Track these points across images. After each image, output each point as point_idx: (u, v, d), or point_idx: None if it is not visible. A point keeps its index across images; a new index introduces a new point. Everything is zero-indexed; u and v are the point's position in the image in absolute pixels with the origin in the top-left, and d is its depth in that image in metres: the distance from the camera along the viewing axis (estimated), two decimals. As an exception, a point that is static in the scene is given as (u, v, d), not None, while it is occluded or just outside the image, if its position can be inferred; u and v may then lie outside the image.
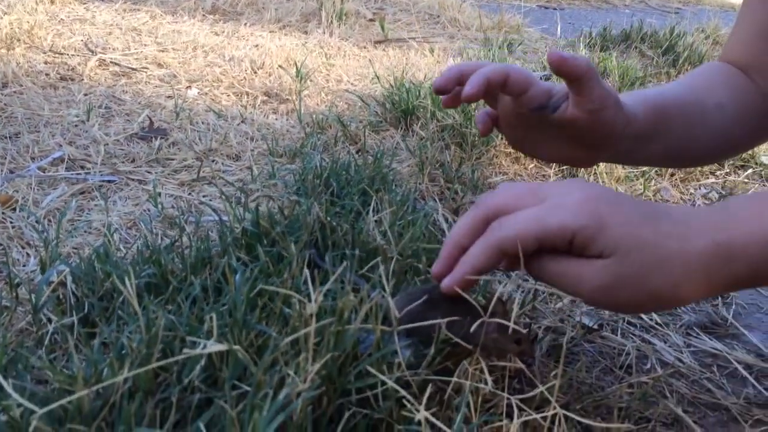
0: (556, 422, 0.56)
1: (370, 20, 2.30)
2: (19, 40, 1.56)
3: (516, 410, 0.54)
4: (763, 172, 1.59)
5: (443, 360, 0.57)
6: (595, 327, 0.86)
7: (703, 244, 0.50)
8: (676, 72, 1.97)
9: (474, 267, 0.51)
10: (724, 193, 1.41)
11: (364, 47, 1.99)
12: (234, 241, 0.70)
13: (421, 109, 1.30)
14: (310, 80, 1.50)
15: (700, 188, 1.48)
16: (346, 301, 0.53)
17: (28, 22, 1.67)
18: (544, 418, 0.55)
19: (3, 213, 0.86)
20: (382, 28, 2.08)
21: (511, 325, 0.55)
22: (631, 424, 0.67)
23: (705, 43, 2.22)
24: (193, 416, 0.46)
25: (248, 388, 0.47)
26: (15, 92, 1.28)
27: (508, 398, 0.55)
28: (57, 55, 1.51)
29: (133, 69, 1.48)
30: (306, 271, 0.56)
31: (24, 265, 0.77)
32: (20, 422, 0.44)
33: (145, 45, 1.70)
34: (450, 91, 0.64)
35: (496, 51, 1.79)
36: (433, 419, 0.48)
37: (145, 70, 1.48)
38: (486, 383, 0.56)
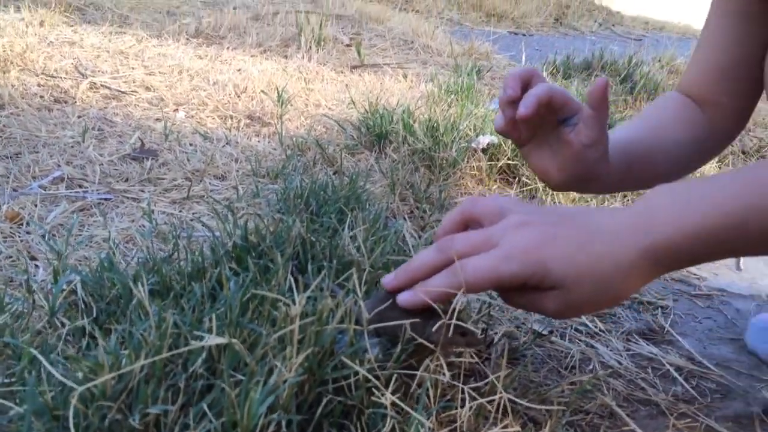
0: (507, 412, 0.66)
1: (347, 45, 2.41)
2: (12, 62, 1.64)
3: (468, 398, 0.65)
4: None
5: (408, 357, 0.67)
6: (545, 333, 0.97)
7: (633, 255, 0.60)
8: (633, 99, 2.11)
9: (433, 297, 0.62)
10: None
11: (342, 72, 2.10)
12: (225, 253, 0.80)
13: (394, 134, 1.41)
14: (291, 104, 1.60)
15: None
16: (325, 304, 0.63)
17: (20, 45, 1.75)
18: (492, 405, 0.65)
19: (11, 228, 0.95)
20: (359, 53, 2.19)
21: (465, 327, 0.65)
22: (569, 413, 0.77)
23: (660, 72, 2.36)
24: (197, 399, 0.55)
25: (242, 377, 0.57)
26: (12, 114, 1.36)
27: (462, 388, 0.66)
28: (49, 78, 1.59)
29: (122, 92, 1.56)
30: (291, 279, 0.66)
31: (34, 276, 0.86)
32: (54, 403, 0.53)
33: (133, 68, 1.79)
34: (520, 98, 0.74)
35: (465, 78, 1.91)
36: (398, 401, 0.58)
37: (134, 93, 1.57)
38: (444, 376, 0.66)
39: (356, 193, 1.13)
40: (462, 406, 0.67)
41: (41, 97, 1.47)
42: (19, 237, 0.93)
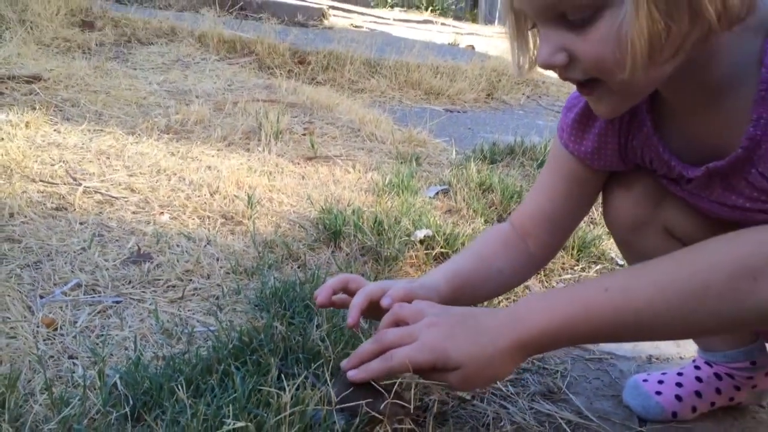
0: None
1: (302, 134, 2.72)
2: (12, 170, 1.89)
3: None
4: (609, 267, 2.07)
5: (364, 426, 0.96)
6: (468, 398, 1.26)
7: (506, 344, 0.90)
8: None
9: (370, 376, 0.92)
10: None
11: (298, 163, 2.41)
12: (227, 353, 1.08)
13: (347, 232, 1.71)
14: (259, 204, 1.90)
15: (560, 282, 1.94)
16: (306, 393, 0.91)
17: (15, 150, 2.00)
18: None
19: (49, 333, 1.20)
20: (312, 145, 2.50)
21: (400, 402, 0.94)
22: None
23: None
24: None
25: (253, 447, 0.84)
26: (23, 222, 1.61)
27: (402, 449, 0.95)
28: (47, 185, 1.85)
29: (113, 197, 1.83)
30: (282, 376, 0.94)
31: (73, 372, 1.12)
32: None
33: (116, 170, 2.05)
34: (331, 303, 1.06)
35: (407, 171, 2.24)
36: (358, 459, 0.86)
37: (123, 198, 1.84)
38: (390, 439, 0.95)
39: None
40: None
41: (44, 205, 1.73)
42: (57, 340, 1.18)
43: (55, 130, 2.36)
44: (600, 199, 1.20)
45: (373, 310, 1.03)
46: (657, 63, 0.76)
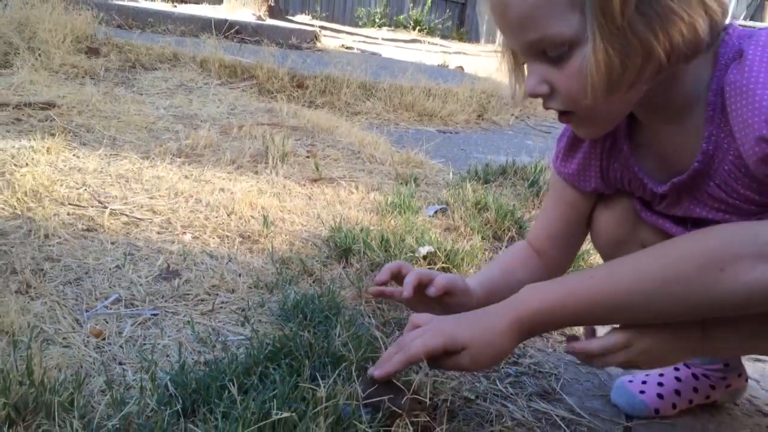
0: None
1: (306, 157, 2.88)
2: (41, 194, 2.03)
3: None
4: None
5: (386, 419, 1.10)
6: (473, 398, 1.41)
7: (505, 324, 1.06)
8: (539, 201, 2.64)
9: (394, 370, 1.07)
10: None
11: (304, 185, 2.56)
12: (264, 356, 1.22)
13: (356, 249, 1.86)
14: (273, 224, 2.04)
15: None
16: (338, 390, 1.06)
17: (41, 175, 2.14)
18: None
19: (97, 342, 1.34)
20: (317, 167, 2.66)
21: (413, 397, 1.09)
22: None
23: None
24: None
25: (296, 435, 0.99)
26: (59, 243, 1.75)
27: (420, 437, 1.09)
28: (75, 207, 1.99)
29: (138, 218, 1.97)
30: (317, 375, 1.08)
31: (124, 376, 1.25)
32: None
33: (137, 193, 2.19)
34: (387, 283, 1.22)
35: (407, 191, 2.40)
36: (385, 445, 1.01)
37: (148, 219, 1.98)
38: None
39: (334, 301, 1.57)
40: (421, 449, 1.11)
41: (75, 226, 1.87)
42: (107, 348, 1.32)
43: (74, 155, 2.50)
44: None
45: (420, 294, 1.20)
46: (618, 92, 0.92)
